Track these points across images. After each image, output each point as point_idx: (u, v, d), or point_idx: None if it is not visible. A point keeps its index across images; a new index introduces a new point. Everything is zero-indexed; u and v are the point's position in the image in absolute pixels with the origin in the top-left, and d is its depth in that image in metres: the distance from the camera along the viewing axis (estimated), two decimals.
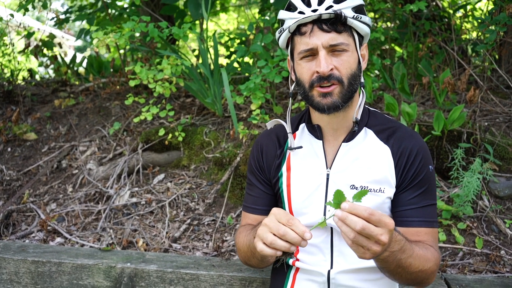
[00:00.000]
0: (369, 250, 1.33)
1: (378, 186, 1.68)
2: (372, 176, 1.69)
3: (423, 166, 1.71)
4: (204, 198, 3.23)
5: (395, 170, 1.69)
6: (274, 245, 1.43)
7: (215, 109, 3.67)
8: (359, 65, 1.66)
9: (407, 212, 1.69)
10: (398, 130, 1.75)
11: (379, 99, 3.74)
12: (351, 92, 1.64)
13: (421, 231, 1.69)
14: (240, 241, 1.81)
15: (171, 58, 3.50)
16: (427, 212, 1.70)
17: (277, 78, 3.18)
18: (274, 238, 1.42)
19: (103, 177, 3.55)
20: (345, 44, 1.59)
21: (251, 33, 3.88)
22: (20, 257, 2.54)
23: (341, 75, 1.61)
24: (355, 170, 1.70)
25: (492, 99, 3.60)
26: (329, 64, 1.59)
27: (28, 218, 3.34)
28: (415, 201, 1.70)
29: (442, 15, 5.00)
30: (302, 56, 1.64)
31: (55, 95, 4.79)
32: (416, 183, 1.70)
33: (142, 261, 2.49)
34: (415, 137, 1.74)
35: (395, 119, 1.85)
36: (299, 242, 1.40)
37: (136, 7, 5.15)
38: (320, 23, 1.58)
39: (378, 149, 1.71)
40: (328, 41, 1.58)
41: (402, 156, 1.70)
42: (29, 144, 4.13)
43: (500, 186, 2.96)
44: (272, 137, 1.87)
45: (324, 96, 1.62)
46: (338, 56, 1.60)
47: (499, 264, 2.56)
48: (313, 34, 1.59)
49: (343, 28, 1.59)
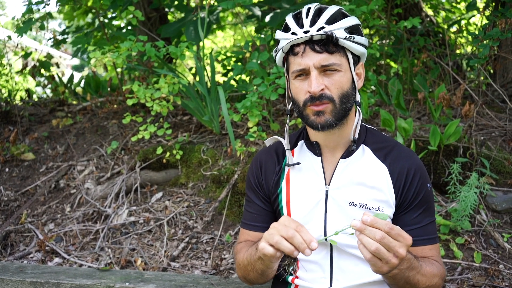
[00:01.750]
0: (387, 264, 1.35)
1: (377, 204, 1.69)
2: (371, 194, 1.70)
3: (422, 185, 1.73)
4: (202, 216, 3.23)
5: (394, 190, 1.71)
6: (279, 245, 1.43)
7: (213, 126, 3.69)
8: (353, 85, 1.67)
9: (411, 232, 1.71)
10: (394, 149, 1.76)
11: (375, 114, 3.76)
12: (344, 111, 1.65)
13: (426, 249, 1.73)
14: (241, 256, 1.80)
15: (168, 77, 3.53)
16: (429, 230, 1.74)
17: (273, 95, 3.20)
18: (280, 239, 1.43)
19: (101, 196, 3.55)
20: (337, 64, 1.61)
21: (247, 51, 3.91)
22: (19, 278, 2.53)
23: (332, 95, 1.62)
24: (354, 187, 1.71)
25: (488, 114, 3.62)
26: (320, 84, 1.60)
27: (26, 239, 3.33)
28: (417, 221, 1.72)
29: (437, 31, 5.05)
30: (296, 75, 1.66)
31: (53, 115, 4.81)
32: (416, 203, 1.72)
33: (141, 280, 2.49)
34: (412, 157, 1.75)
35: (391, 137, 1.87)
36: (304, 248, 1.41)
37: (133, 27, 5.19)
38: (312, 44, 1.60)
39: (376, 168, 1.73)
40: (319, 62, 1.60)
41: (400, 176, 1.71)
42: (27, 164, 4.13)
43: (498, 200, 2.96)
44: (271, 154, 1.88)
45: (318, 115, 1.64)
46: (330, 76, 1.62)
47: (498, 279, 2.56)
48: (305, 54, 1.61)
49: (335, 49, 1.60)
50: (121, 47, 3.50)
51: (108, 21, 5.46)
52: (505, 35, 3.12)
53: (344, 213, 1.70)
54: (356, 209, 1.69)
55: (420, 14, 5.00)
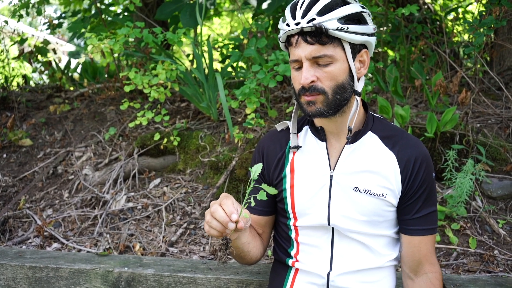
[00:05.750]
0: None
1: (381, 191, 1.71)
2: (376, 180, 1.71)
3: (428, 175, 1.75)
4: (200, 202, 3.25)
5: (401, 178, 1.72)
6: (210, 224, 1.54)
7: (210, 113, 3.69)
8: (350, 75, 1.66)
9: (412, 221, 1.76)
10: (403, 138, 1.77)
11: (373, 101, 3.77)
12: (338, 101, 1.65)
13: (424, 239, 1.76)
14: None
15: (165, 63, 3.52)
16: (430, 220, 1.77)
17: (271, 82, 3.21)
18: (210, 217, 1.54)
19: (99, 182, 3.56)
20: (329, 55, 1.60)
21: (245, 38, 3.90)
22: (18, 263, 2.55)
23: (323, 87, 1.63)
24: (359, 172, 1.73)
25: (484, 101, 3.64)
26: (311, 76, 1.61)
27: (24, 224, 3.35)
28: (420, 210, 1.75)
29: (434, 18, 5.05)
30: (292, 65, 1.68)
31: (50, 101, 4.80)
32: (421, 192, 1.74)
33: (140, 265, 2.51)
34: (419, 146, 1.77)
35: (398, 126, 1.88)
36: (226, 221, 1.50)
37: (130, 13, 5.17)
38: (304, 35, 1.60)
39: (383, 155, 1.73)
40: (311, 53, 1.60)
41: (407, 164, 1.72)
42: (25, 150, 4.14)
43: (493, 187, 2.99)
44: (274, 140, 1.89)
45: (309, 104, 1.66)
46: (323, 68, 1.62)
47: (493, 264, 2.60)
48: (298, 45, 1.62)
49: (327, 40, 1.59)
50: (118, 33, 3.49)
51: (104, 7, 5.43)
52: (500, 23, 3.12)
53: (348, 198, 1.72)
54: (361, 194, 1.71)
55: (417, 2, 5.00)
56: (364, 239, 1.74)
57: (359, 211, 1.71)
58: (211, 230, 1.55)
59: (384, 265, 1.78)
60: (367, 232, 1.74)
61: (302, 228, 1.80)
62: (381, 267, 1.78)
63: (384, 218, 1.74)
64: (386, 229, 1.77)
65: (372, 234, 1.75)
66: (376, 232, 1.75)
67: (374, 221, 1.73)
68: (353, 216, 1.72)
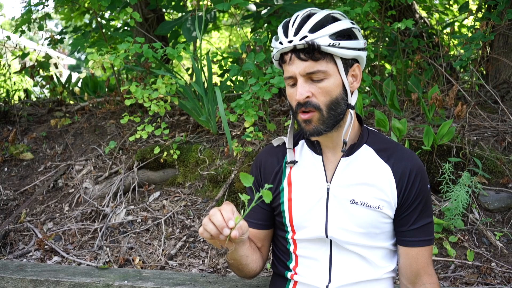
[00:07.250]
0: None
1: (377, 203, 1.74)
2: (372, 193, 1.74)
3: (423, 186, 1.78)
4: (199, 215, 3.27)
5: (396, 190, 1.75)
6: (206, 227, 1.55)
7: (209, 127, 3.73)
8: (343, 89, 1.70)
9: (410, 233, 1.78)
10: (397, 150, 1.80)
11: (370, 115, 3.81)
12: (333, 117, 1.69)
13: (421, 250, 1.79)
14: None
15: (165, 78, 3.57)
16: (426, 231, 1.80)
17: (266, 95, 3.24)
18: (207, 220, 1.55)
19: (99, 196, 3.59)
20: (323, 71, 1.64)
21: (244, 52, 3.95)
22: (19, 276, 2.56)
23: (318, 103, 1.66)
24: (356, 185, 1.75)
25: (480, 114, 3.68)
26: (306, 92, 1.65)
27: (25, 238, 3.37)
28: (416, 221, 1.77)
29: (430, 32, 5.11)
30: (287, 82, 1.72)
31: (51, 115, 4.84)
32: (416, 204, 1.77)
33: (139, 278, 2.52)
34: (414, 158, 1.80)
35: (393, 139, 1.91)
36: (222, 226, 1.51)
37: (131, 28, 5.23)
38: (297, 53, 1.64)
39: (379, 167, 1.76)
40: (304, 69, 1.64)
41: (403, 176, 1.75)
42: (26, 164, 4.17)
43: (490, 199, 3.02)
44: (271, 154, 1.92)
45: (305, 123, 1.70)
46: (317, 83, 1.65)
47: (490, 276, 2.61)
48: (292, 62, 1.66)
49: (320, 56, 1.63)
50: (119, 48, 3.53)
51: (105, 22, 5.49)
52: (488, 37, 3.18)
53: (345, 210, 1.74)
54: (357, 207, 1.73)
55: (413, 16, 5.06)
56: (362, 251, 1.76)
57: (356, 223, 1.74)
58: (204, 232, 1.55)
59: (382, 277, 1.80)
60: (365, 244, 1.76)
61: (300, 241, 1.82)
62: (379, 279, 1.80)
63: (381, 230, 1.77)
64: (383, 241, 1.80)
65: (369, 246, 1.77)
66: (374, 244, 1.78)
67: (371, 233, 1.75)
68: (350, 228, 1.74)
